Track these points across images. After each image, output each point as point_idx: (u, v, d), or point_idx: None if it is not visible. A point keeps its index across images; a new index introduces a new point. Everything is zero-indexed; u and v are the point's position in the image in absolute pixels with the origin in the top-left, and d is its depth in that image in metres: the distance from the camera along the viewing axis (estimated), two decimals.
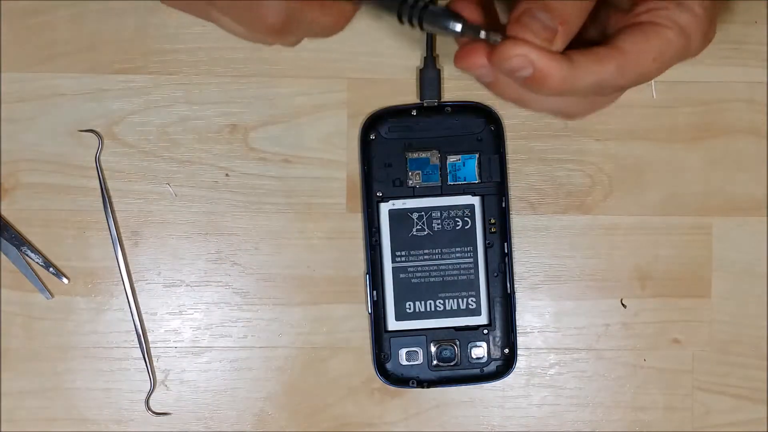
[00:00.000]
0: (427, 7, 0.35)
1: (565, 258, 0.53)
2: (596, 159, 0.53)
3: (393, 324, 0.52)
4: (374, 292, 0.51)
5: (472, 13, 0.37)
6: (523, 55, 0.35)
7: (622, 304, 0.53)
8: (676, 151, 0.53)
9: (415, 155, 0.52)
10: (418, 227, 0.51)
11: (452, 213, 0.51)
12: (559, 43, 0.36)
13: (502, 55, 0.35)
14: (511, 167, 0.52)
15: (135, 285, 0.52)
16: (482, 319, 0.52)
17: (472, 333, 0.52)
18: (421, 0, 0.35)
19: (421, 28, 0.36)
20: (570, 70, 0.36)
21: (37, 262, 0.52)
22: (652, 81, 0.51)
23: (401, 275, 0.51)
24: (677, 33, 0.38)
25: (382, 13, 0.36)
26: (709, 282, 0.53)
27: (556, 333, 0.53)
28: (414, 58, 0.52)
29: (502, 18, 0.40)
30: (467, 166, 0.52)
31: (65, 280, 0.52)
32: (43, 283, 0.52)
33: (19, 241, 0.52)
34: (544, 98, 0.38)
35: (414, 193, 0.52)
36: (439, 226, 0.51)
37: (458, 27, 0.35)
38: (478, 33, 0.35)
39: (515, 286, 0.52)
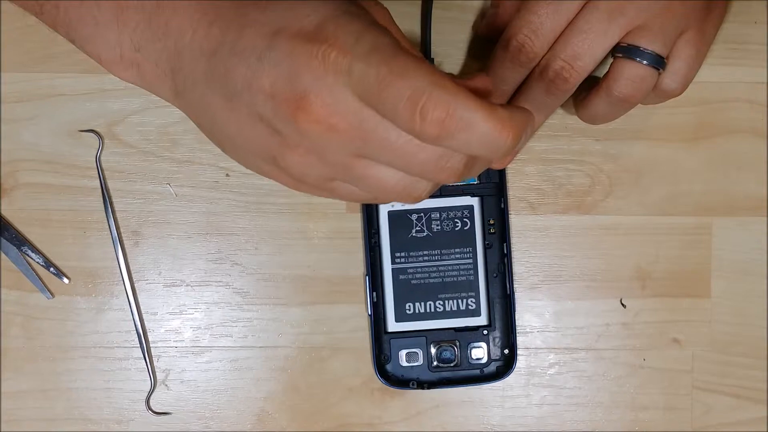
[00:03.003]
0: None
1: (565, 258, 0.53)
2: (596, 159, 0.52)
3: (393, 325, 0.52)
4: (374, 294, 0.51)
5: None
6: None
7: (622, 304, 0.53)
8: (676, 151, 0.52)
9: None
10: (417, 228, 0.51)
11: (451, 214, 0.51)
12: None
13: None
14: (511, 167, 0.52)
15: (135, 285, 0.52)
16: (482, 320, 0.52)
17: (472, 334, 0.52)
18: None
19: None
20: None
21: (37, 262, 0.52)
22: None
23: (401, 276, 0.51)
24: None
25: None
26: (709, 282, 0.53)
27: (556, 333, 0.53)
28: None
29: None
30: None
31: (66, 280, 0.52)
32: (43, 282, 0.52)
33: (20, 241, 0.52)
34: None
35: None
36: (439, 227, 0.51)
37: None
38: None
39: (515, 286, 0.52)
